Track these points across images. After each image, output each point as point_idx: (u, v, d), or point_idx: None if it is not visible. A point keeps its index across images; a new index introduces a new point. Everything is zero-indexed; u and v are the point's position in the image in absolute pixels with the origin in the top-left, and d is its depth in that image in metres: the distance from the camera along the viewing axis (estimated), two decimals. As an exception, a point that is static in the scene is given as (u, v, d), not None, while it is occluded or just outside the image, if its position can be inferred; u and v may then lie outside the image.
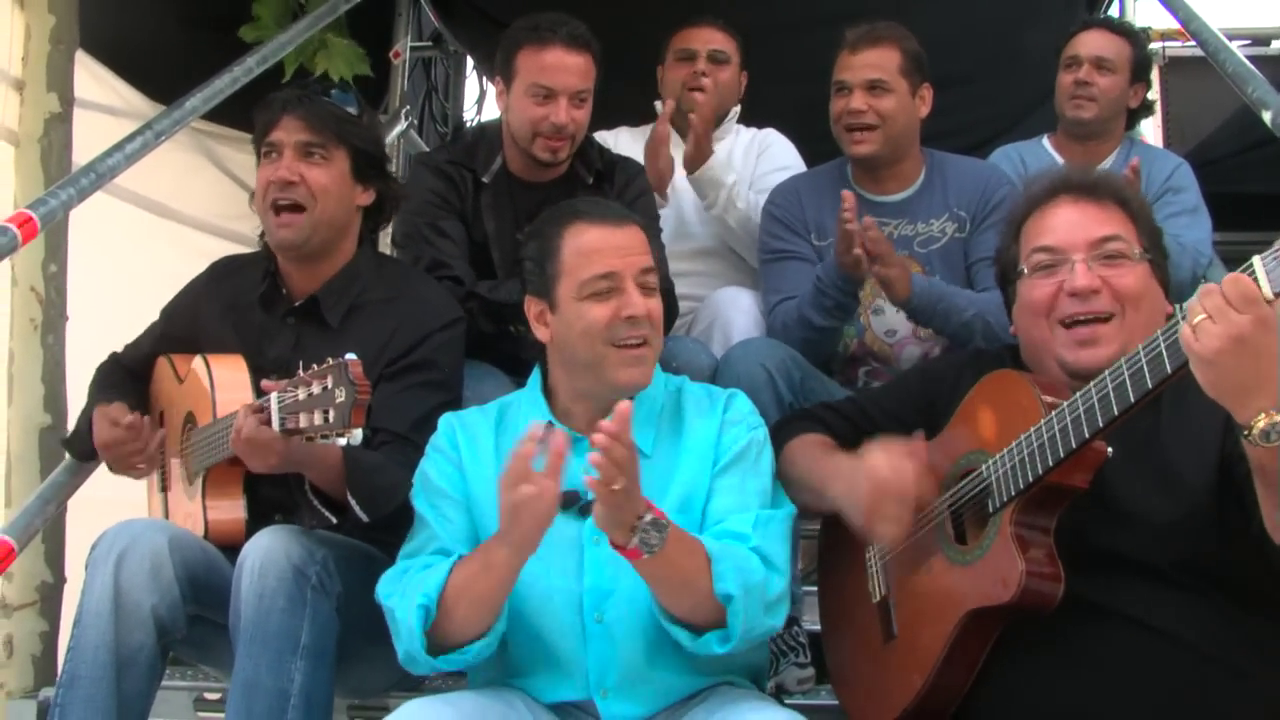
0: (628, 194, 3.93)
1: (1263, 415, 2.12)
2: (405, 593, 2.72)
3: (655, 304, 2.85)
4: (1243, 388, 2.13)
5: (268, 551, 2.91)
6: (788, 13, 5.59)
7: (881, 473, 2.61)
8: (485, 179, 3.93)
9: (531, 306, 2.93)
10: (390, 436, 3.16)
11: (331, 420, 2.70)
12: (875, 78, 3.96)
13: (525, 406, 2.96)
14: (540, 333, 2.91)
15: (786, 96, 4.74)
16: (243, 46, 5.01)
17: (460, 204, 3.91)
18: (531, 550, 2.60)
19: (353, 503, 3.03)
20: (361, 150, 3.40)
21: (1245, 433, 2.15)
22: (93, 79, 4.92)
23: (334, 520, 3.07)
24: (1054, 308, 2.68)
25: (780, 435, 2.99)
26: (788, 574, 2.77)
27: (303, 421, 2.74)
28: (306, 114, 3.33)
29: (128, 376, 3.56)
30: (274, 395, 2.79)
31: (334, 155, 3.34)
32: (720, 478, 2.83)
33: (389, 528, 3.03)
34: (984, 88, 5.95)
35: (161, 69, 5.37)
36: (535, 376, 3.00)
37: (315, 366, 2.75)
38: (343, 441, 2.75)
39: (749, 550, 2.69)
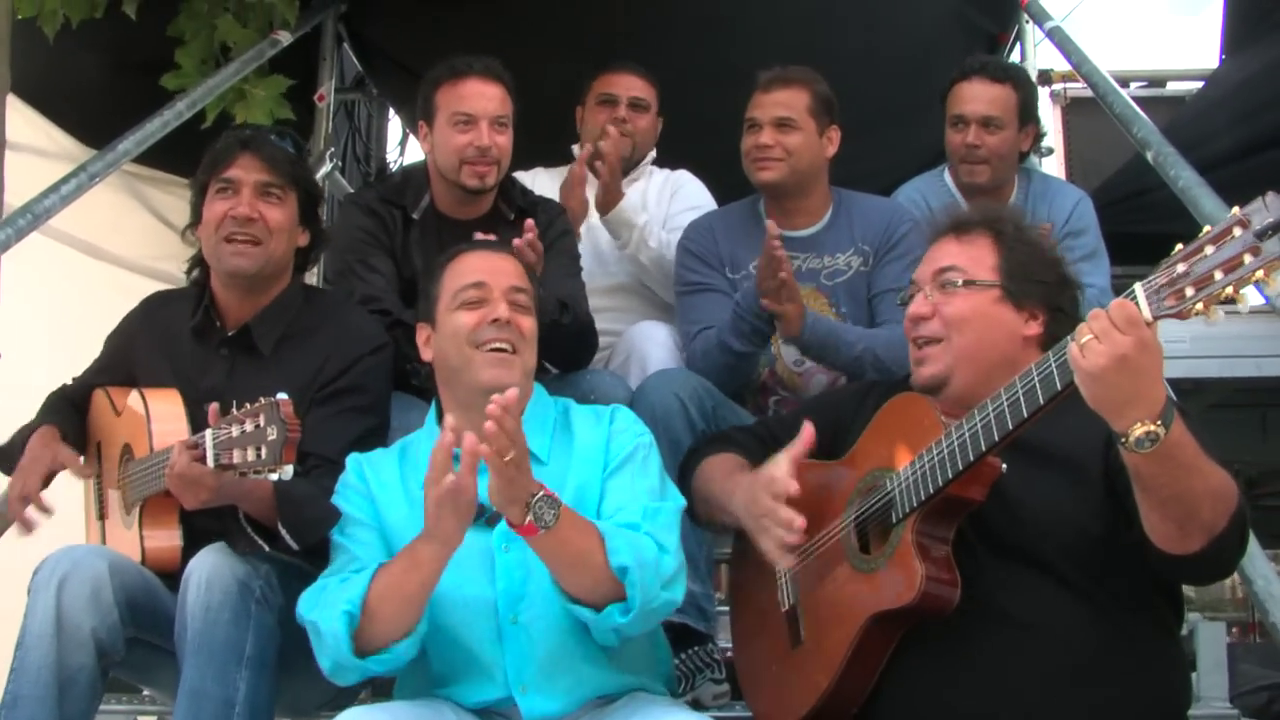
0: (550, 233, 4.02)
1: (1138, 424, 2.30)
2: (326, 604, 2.83)
3: (525, 320, 3.04)
4: (1123, 402, 2.31)
5: (214, 566, 3.01)
6: (704, 63, 5.72)
7: (764, 473, 2.86)
8: (415, 215, 4.05)
9: (421, 333, 3.14)
10: (320, 460, 3.25)
11: (264, 457, 2.78)
12: (784, 115, 4.11)
13: (424, 440, 3.10)
14: (425, 354, 3.11)
15: (701, 146, 4.82)
16: (170, 92, 5.10)
17: (389, 241, 4.02)
18: (456, 544, 2.73)
19: (284, 533, 3.12)
20: (309, 193, 3.54)
21: (1122, 440, 2.33)
22: (24, 122, 5.00)
23: (266, 548, 3.14)
24: (909, 332, 2.97)
25: (695, 457, 3.18)
26: (680, 556, 2.89)
27: (236, 457, 2.81)
28: (265, 155, 3.45)
29: (70, 407, 3.61)
30: (209, 432, 2.87)
31: (287, 197, 3.46)
32: (610, 479, 2.99)
33: (320, 553, 3.10)
34: (888, 136, 6.02)
35: (91, 113, 5.46)
36: (432, 410, 3.17)
37: (248, 405, 2.83)
38: (274, 477, 2.83)
39: (641, 533, 2.83)
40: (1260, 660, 5.95)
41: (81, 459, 3.48)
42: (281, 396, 2.81)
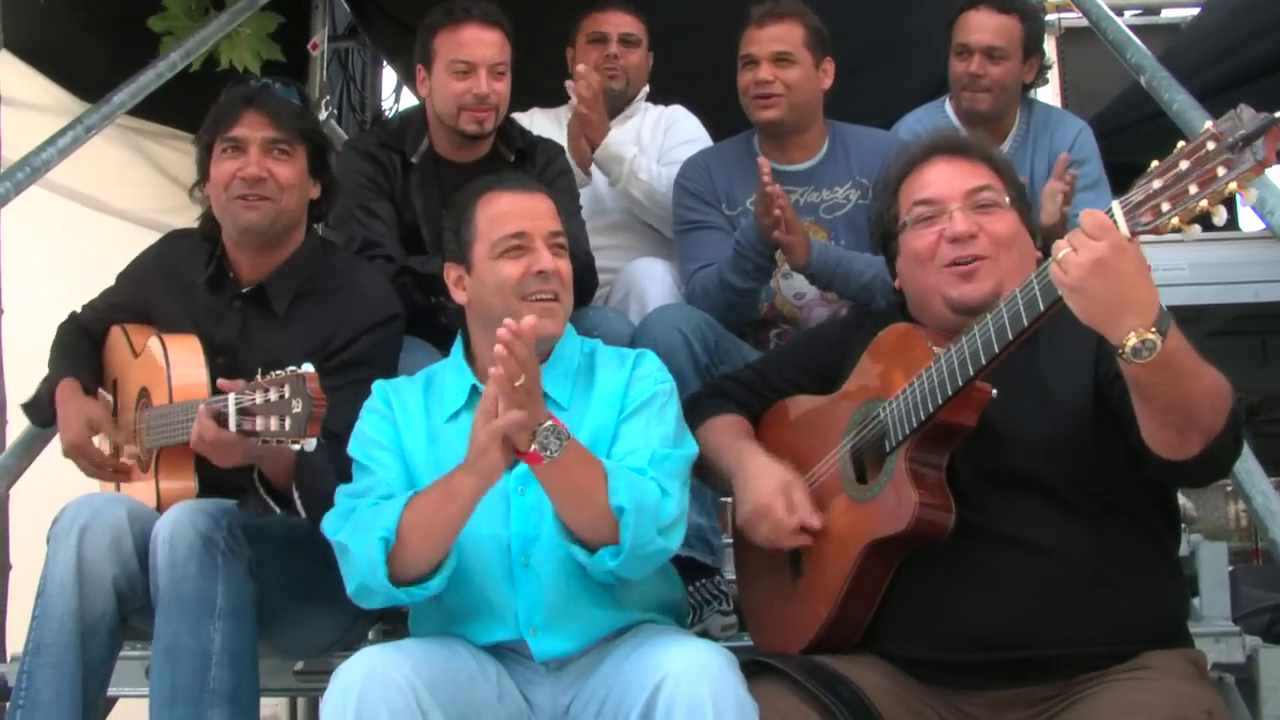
0: (549, 173, 4.08)
1: (1132, 334, 2.30)
2: (359, 528, 2.85)
3: (564, 264, 3.05)
4: (1110, 309, 2.32)
5: (175, 523, 3.04)
6: (695, 2, 5.69)
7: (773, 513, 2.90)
8: (414, 160, 4.06)
9: (450, 272, 3.12)
10: (325, 435, 3.27)
11: (288, 428, 2.82)
12: (781, 49, 4.12)
13: (450, 373, 3.13)
14: (458, 296, 3.10)
15: (694, 86, 4.84)
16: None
17: (389, 185, 4.04)
18: (497, 478, 2.75)
19: (296, 498, 3.17)
20: (317, 145, 3.54)
21: (1119, 351, 2.33)
22: (19, 77, 5.00)
23: (277, 510, 3.21)
24: (936, 254, 2.88)
25: (694, 415, 3.17)
26: (683, 503, 2.91)
27: (259, 425, 2.84)
28: (271, 111, 3.44)
29: (88, 341, 3.64)
30: (231, 397, 2.89)
31: (296, 151, 3.45)
32: (626, 423, 3.00)
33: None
34: (879, 76, 6.01)
35: (85, 67, 5.46)
36: (458, 344, 3.16)
37: (274, 374, 2.86)
38: (296, 448, 2.87)
39: (646, 477, 2.85)
40: (1263, 583, 5.98)
41: (112, 413, 3.52)
42: (308, 369, 2.84)
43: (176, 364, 3.36)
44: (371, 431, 3.06)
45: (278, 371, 2.86)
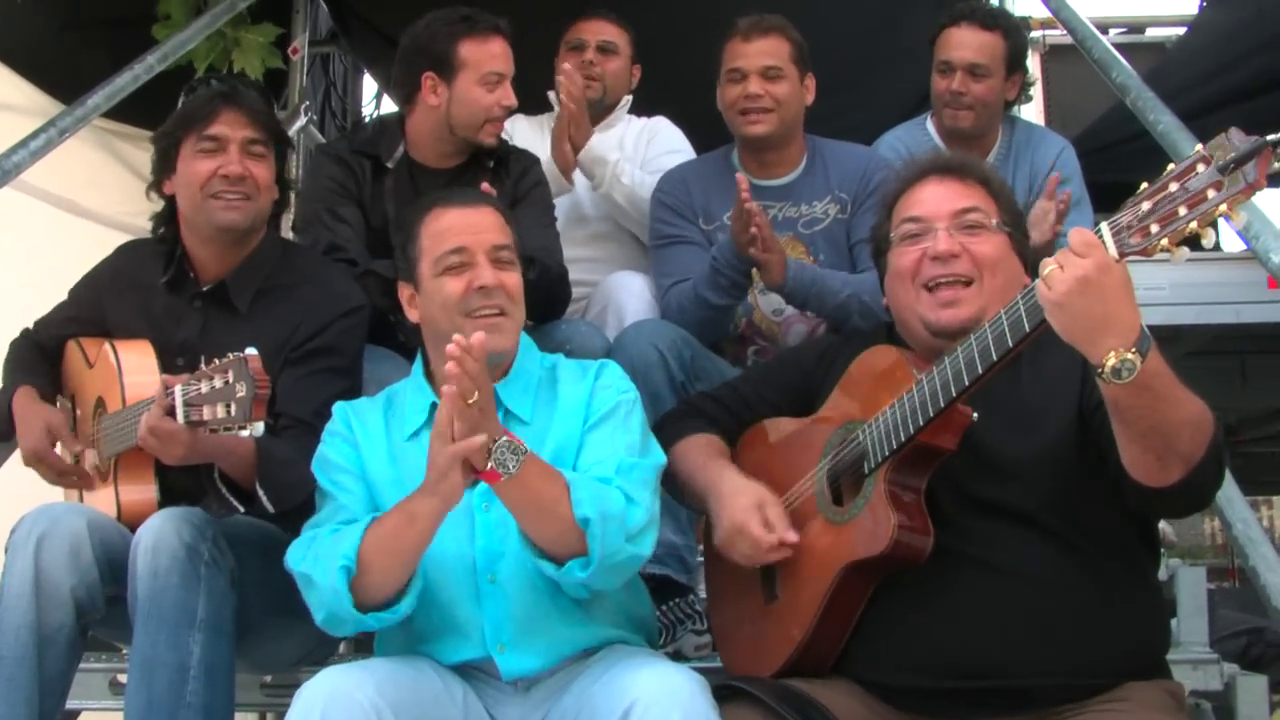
0: (524, 183, 4.05)
1: (1112, 354, 2.29)
2: (320, 557, 2.82)
3: (510, 277, 3.00)
4: (1092, 328, 2.31)
5: (159, 531, 2.99)
6: (678, 17, 5.69)
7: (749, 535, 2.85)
8: (389, 164, 4.03)
9: (403, 291, 3.10)
10: (293, 421, 3.26)
11: (234, 414, 2.79)
12: (770, 64, 4.10)
13: (410, 391, 3.10)
14: (411, 315, 3.08)
15: (675, 100, 4.85)
16: (139, 46, 5.04)
17: (358, 190, 4.00)
18: (457, 501, 2.71)
19: (261, 494, 3.14)
20: (284, 148, 3.55)
21: (1099, 371, 2.32)
22: (-5, 76, 4.97)
23: (241, 509, 3.17)
24: (918, 272, 2.87)
25: (667, 433, 3.14)
26: (652, 509, 2.87)
27: (206, 414, 2.83)
28: (249, 110, 3.44)
29: (41, 356, 3.62)
30: (178, 388, 2.87)
31: (269, 152, 3.46)
32: (590, 433, 2.97)
33: (293, 516, 3.11)
34: (859, 94, 6.00)
35: (61, 68, 5.43)
36: (418, 362, 3.13)
37: (216, 361, 2.84)
38: (245, 434, 2.84)
39: (611, 486, 2.82)
40: (1239, 605, 5.98)
41: (70, 425, 3.50)
42: (250, 352, 2.81)
43: (129, 369, 3.34)
44: (333, 455, 3.03)
45: (220, 359, 2.83)
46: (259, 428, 2.83)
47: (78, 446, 3.48)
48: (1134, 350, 2.29)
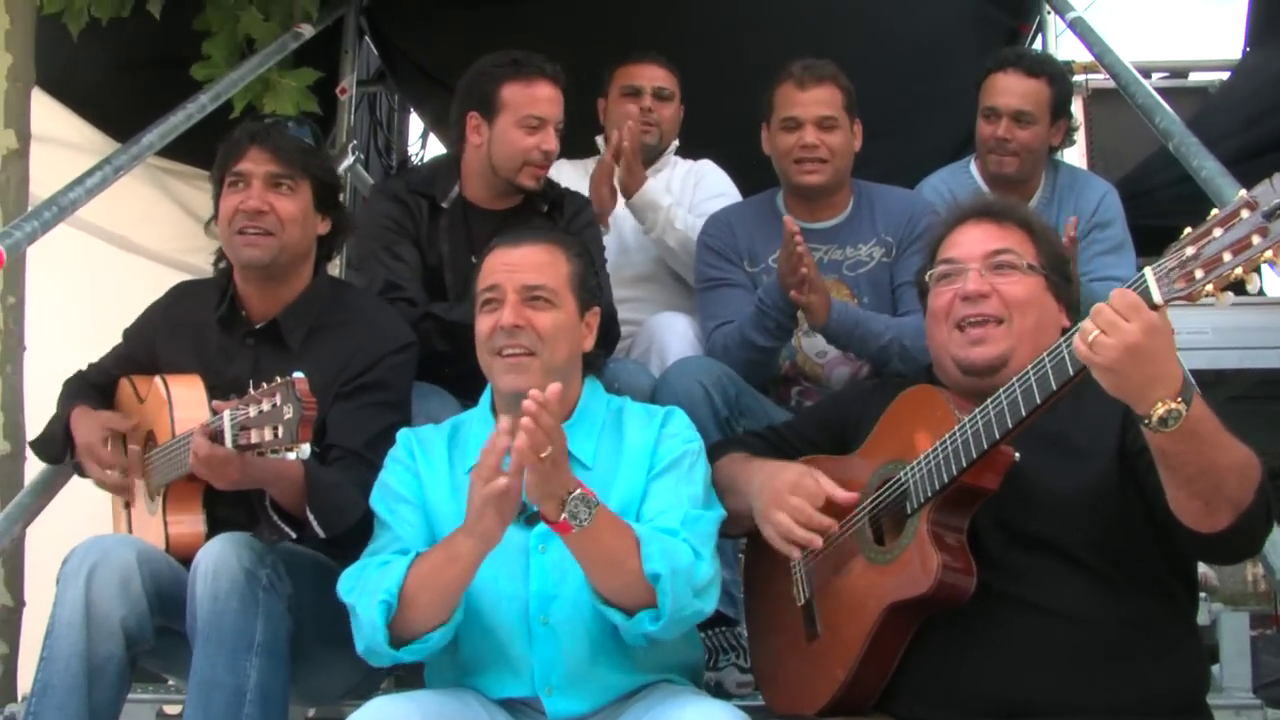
0: (575, 224, 4.10)
1: (1160, 404, 2.31)
2: (365, 590, 2.85)
3: (542, 317, 2.99)
4: (1142, 386, 2.33)
5: (219, 556, 3.03)
6: (722, 60, 5.75)
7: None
8: (444, 204, 4.07)
9: None
10: (344, 453, 3.30)
11: (281, 435, 2.81)
12: (826, 114, 4.12)
13: (476, 424, 3.12)
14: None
15: (719, 142, 4.89)
16: (192, 85, 5.12)
17: (414, 229, 4.05)
18: (495, 542, 2.73)
19: (311, 519, 3.16)
20: (323, 182, 3.56)
21: (1145, 421, 2.34)
22: (50, 114, 5.03)
23: (293, 535, 3.19)
24: (951, 312, 2.91)
25: (712, 455, 3.16)
26: (716, 565, 2.89)
27: (254, 437, 2.85)
28: (274, 146, 3.47)
29: (94, 392, 3.66)
30: (226, 413, 2.90)
31: (299, 186, 3.48)
32: (655, 482, 2.97)
33: (345, 543, 3.14)
34: (903, 137, 6.00)
35: (115, 106, 5.50)
36: (486, 393, 3.15)
37: (265, 385, 2.87)
38: (292, 456, 2.85)
39: (679, 539, 2.83)
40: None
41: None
42: (297, 375, 2.83)
43: (179, 403, 3.36)
44: (393, 482, 3.06)
45: (268, 383, 2.86)
46: (305, 450, 2.84)
47: (129, 423, 3.53)
48: (1179, 399, 2.31)
